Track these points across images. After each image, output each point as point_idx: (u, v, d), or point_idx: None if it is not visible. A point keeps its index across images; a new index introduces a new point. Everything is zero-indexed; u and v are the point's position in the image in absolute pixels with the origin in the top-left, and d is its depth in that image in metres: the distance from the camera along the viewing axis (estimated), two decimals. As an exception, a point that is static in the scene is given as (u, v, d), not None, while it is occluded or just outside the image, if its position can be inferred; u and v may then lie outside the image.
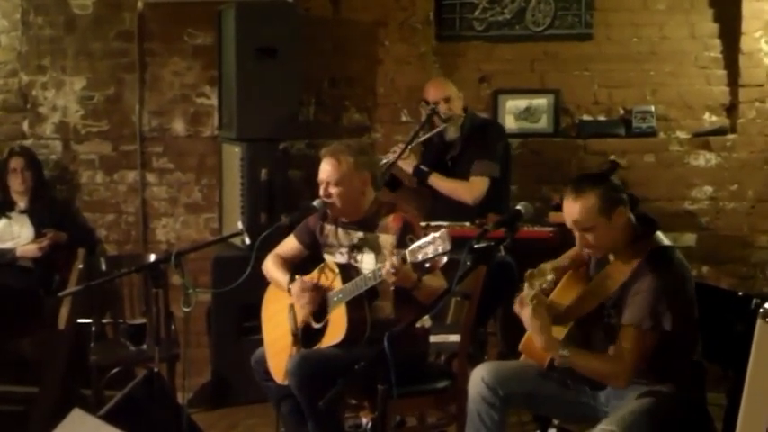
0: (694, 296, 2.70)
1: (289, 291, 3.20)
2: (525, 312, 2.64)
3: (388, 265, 2.84)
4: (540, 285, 2.60)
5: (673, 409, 2.62)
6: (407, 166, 4.16)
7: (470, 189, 4.05)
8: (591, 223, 2.61)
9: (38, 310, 4.13)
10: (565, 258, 2.92)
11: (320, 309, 3.16)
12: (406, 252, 2.79)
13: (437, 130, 4.15)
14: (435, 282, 3.00)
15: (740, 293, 2.97)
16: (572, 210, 2.63)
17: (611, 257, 2.74)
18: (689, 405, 2.66)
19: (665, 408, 2.60)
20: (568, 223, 2.68)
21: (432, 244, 2.71)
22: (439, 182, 4.13)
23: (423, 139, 4.17)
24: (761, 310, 2.40)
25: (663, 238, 2.71)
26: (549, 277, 2.66)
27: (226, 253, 4.25)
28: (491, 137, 4.15)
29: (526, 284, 2.68)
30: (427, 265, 2.87)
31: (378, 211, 3.20)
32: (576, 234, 2.68)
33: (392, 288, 3.03)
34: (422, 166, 4.15)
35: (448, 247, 2.67)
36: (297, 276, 3.21)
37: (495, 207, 3.95)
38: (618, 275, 2.67)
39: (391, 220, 3.14)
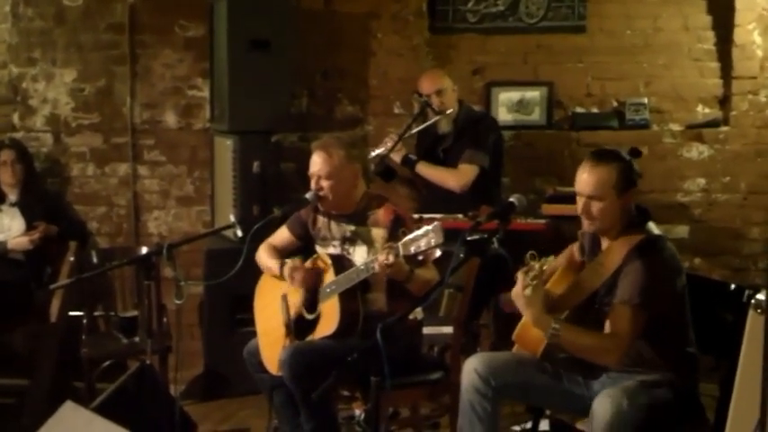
0: (684, 286, 2.71)
1: (281, 273, 3.18)
2: (519, 286, 2.62)
3: (382, 258, 2.84)
4: (540, 268, 2.59)
5: (666, 397, 2.63)
6: (397, 156, 4.17)
7: (457, 176, 4.07)
8: (602, 194, 2.64)
9: (29, 302, 4.11)
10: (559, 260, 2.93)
11: (313, 300, 3.15)
12: (399, 245, 2.79)
13: (429, 122, 4.14)
14: (427, 274, 3.00)
15: (732, 285, 2.97)
16: (588, 176, 2.65)
17: (604, 245, 2.75)
18: (681, 394, 2.67)
19: (658, 396, 2.61)
20: (579, 189, 2.68)
21: (424, 237, 2.72)
22: (426, 170, 4.15)
23: (415, 131, 4.17)
24: (753, 301, 2.42)
25: (654, 229, 2.72)
26: (551, 258, 2.66)
27: (218, 245, 4.24)
28: (483, 129, 4.16)
29: (525, 269, 2.65)
30: (420, 257, 2.87)
31: (368, 204, 3.20)
32: (581, 201, 2.69)
33: (384, 280, 3.03)
34: (410, 155, 4.16)
35: (440, 240, 2.68)
36: (287, 260, 3.21)
37: (488, 199, 3.95)
38: (610, 263, 2.69)
39: (382, 214, 3.14)
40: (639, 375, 2.65)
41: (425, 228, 2.73)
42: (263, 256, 3.32)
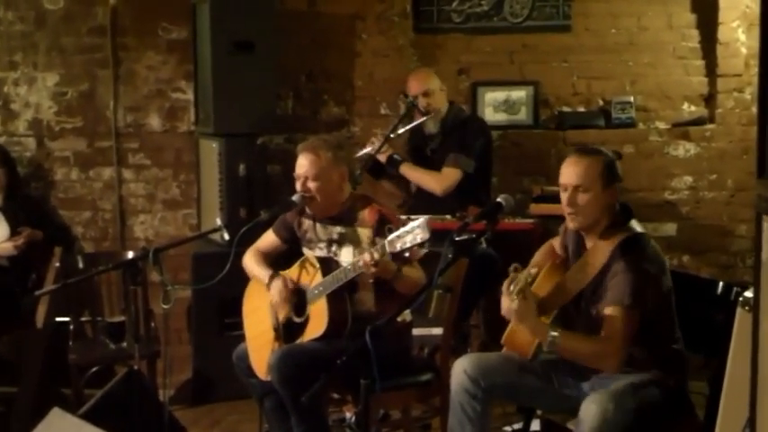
0: (670, 283, 2.71)
1: (268, 286, 3.17)
2: (506, 301, 2.62)
3: (367, 257, 2.83)
4: (525, 280, 2.59)
5: (655, 397, 2.63)
6: (382, 156, 4.16)
7: (440, 179, 4.06)
8: (588, 183, 2.64)
9: (14, 309, 4.07)
10: (539, 260, 2.92)
11: (301, 303, 3.13)
12: (386, 242, 2.77)
13: (415, 123, 4.13)
14: (415, 273, 3.00)
15: (721, 283, 2.98)
16: (575, 167, 2.67)
17: (589, 244, 2.75)
18: (671, 393, 2.68)
19: (647, 396, 2.61)
20: (565, 180, 2.68)
21: (410, 233, 2.71)
22: (409, 171, 4.14)
23: (401, 132, 4.15)
24: (741, 298, 2.42)
25: (636, 226, 2.72)
26: (533, 270, 2.66)
27: (205, 249, 4.22)
28: (470, 133, 4.15)
29: (511, 280, 2.66)
30: (406, 254, 2.86)
31: (354, 204, 3.19)
32: (566, 194, 2.68)
33: (371, 280, 3.01)
34: (395, 155, 4.15)
35: (427, 236, 2.67)
36: (279, 273, 3.18)
37: (477, 201, 3.94)
38: (595, 262, 2.69)
39: (367, 213, 3.13)
40: (629, 376, 2.64)
41: (411, 224, 2.72)
42: (251, 263, 3.30)
